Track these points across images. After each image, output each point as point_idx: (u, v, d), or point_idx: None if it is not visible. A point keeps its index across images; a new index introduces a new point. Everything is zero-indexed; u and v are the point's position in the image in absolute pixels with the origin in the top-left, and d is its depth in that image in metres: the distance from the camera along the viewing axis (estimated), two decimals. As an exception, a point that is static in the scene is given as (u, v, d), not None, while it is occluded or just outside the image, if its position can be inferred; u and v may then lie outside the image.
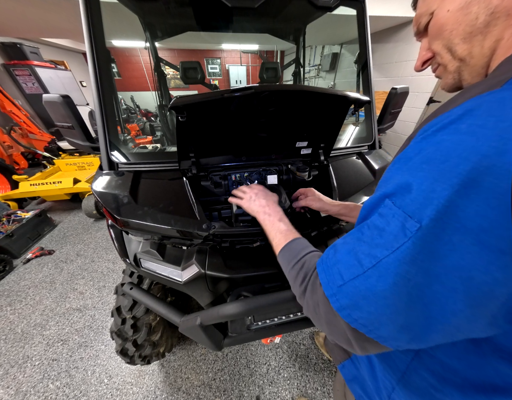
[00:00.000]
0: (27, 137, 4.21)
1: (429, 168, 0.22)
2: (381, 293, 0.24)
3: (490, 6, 0.27)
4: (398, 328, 0.25)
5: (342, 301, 0.28)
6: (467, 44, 0.31)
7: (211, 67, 8.34)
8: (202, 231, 0.76)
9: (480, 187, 0.18)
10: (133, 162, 0.97)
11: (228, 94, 0.60)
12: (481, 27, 0.29)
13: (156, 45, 2.23)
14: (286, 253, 0.46)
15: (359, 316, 0.27)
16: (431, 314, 0.23)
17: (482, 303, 0.21)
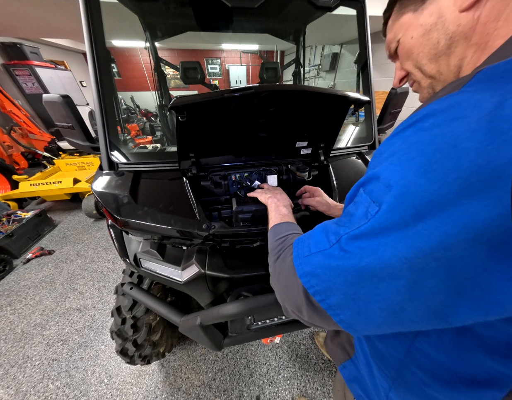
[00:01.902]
0: (27, 137, 4.21)
1: (392, 160, 0.24)
2: (336, 265, 0.27)
3: (448, 32, 0.31)
4: (346, 299, 0.27)
5: (304, 269, 0.32)
6: (434, 63, 0.35)
7: (211, 67, 8.35)
8: (202, 231, 0.76)
9: (432, 175, 0.20)
10: (133, 162, 0.97)
11: (228, 94, 0.60)
12: (443, 49, 0.32)
13: (156, 45, 2.23)
14: (276, 229, 0.52)
15: (315, 283, 0.30)
16: (376, 292, 0.25)
17: (423, 286, 0.22)
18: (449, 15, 0.30)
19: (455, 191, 0.19)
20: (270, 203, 0.66)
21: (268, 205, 0.67)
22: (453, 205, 0.19)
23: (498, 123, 0.18)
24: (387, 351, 0.40)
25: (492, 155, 0.18)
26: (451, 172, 0.19)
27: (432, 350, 0.33)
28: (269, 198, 0.68)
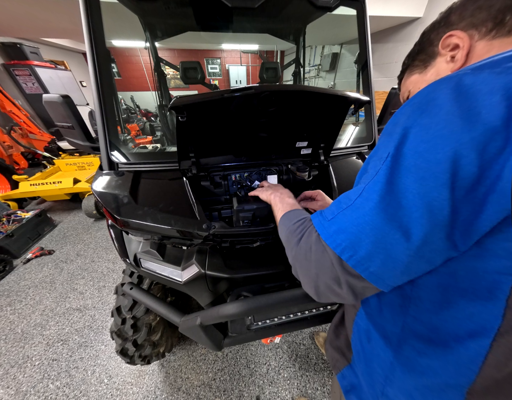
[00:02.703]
0: (27, 137, 4.21)
1: (389, 128, 0.33)
2: (362, 213, 0.31)
3: (440, 75, 0.41)
4: (374, 246, 0.29)
5: (330, 229, 0.34)
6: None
7: (211, 67, 8.35)
8: (202, 231, 0.76)
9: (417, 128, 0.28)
10: (133, 162, 0.97)
11: (228, 94, 0.60)
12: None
13: (156, 45, 2.23)
14: (290, 215, 0.52)
15: (343, 239, 0.32)
16: (404, 224, 0.28)
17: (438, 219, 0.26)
18: (443, 72, 0.41)
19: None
20: (274, 198, 0.66)
21: (272, 200, 0.66)
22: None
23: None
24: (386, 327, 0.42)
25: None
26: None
27: (425, 315, 0.35)
28: (271, 194, 0.68)
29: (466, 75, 0.26)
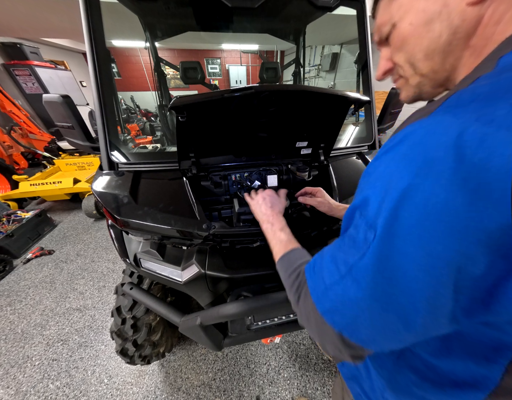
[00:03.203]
0: (27, 137, 4.21)
1: (379, 184, 0.26)
2: (355, 297, 0.26)
3: (452, 26, 0.28)
4: (376, 331, 0.27)
5: (325, 305, 0.30)
6: (430, 60, 0.31)
7: (211, 67, 8.35)
8: (202, 231, 0.76)
9: (412, 200, 0.22)
10: (133, 162, 0.97)
11: (228, 94, 0.60)
12: (444, 45, 0.29)
13: (156, 45, 2.23)
14: (284, 262, 0.47)
15: (340, 320, 0.29)
16: (402, 315, 0.25)
17: (438, 300, 0.23)
18: (456, 6, 0.26)
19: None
20: (265, 228, 0.62)
21: (263, 230, 0.62)
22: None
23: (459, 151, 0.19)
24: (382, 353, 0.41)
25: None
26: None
27: (423, 353, 0.34)
28: (261, 221, 0.64)
29: (473, 124, 0.19)
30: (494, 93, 0.20)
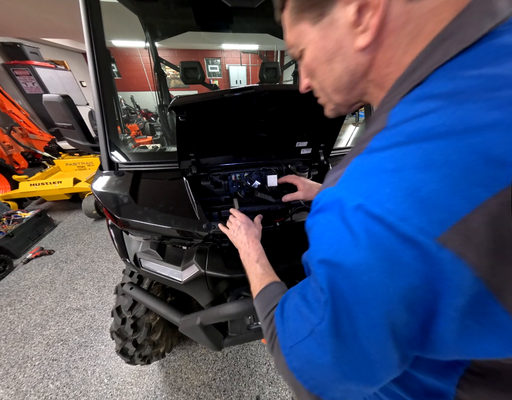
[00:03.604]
0: (27, 137, 4.21)
1: (314, 248, 0.27)
2: (319, 359, 0.26)
3: (349, 69, 0.29)
4: (344, 389, 0.27)
5: (293, 363, 0.29)
6: (339, 94, 0.33)
7: (211, 67, 8.35)
8: (202, 231, 0.76)
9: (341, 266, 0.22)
10: (133, 162, 0.97)
11: (228, 94, 0.60)
12: (346, 83, 0.31)
13: (156, 45, 2.24)
14: (260, 302, 0.46)
15: (308, 379, 0.28)
16: (364, 384, 0.25)
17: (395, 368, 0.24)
18: (349, 49, 0.27)
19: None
20: (243, 259, 0.61)
21: (242, 260, 0.62)
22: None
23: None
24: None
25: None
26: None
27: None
28: (239, 249, 0.64)
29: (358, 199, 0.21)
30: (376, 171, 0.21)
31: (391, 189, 0.19)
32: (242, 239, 0.65)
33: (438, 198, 0.17)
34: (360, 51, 0.26)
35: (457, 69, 0.20)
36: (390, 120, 0.22)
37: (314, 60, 0.31)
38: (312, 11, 0.27)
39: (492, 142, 0.16)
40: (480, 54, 0.20)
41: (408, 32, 0.23)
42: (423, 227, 0.17)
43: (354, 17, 0.24)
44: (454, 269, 0.17)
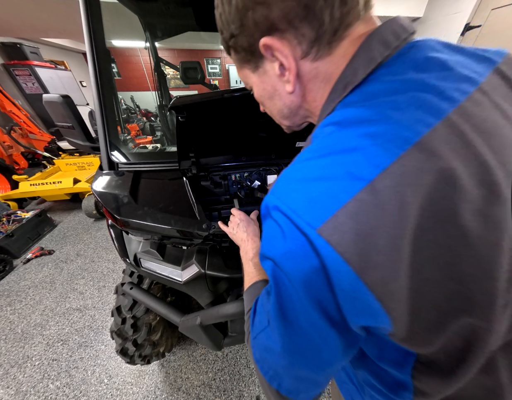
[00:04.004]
0: (27, 137, 4.21)
1: (262, 242, 0.30)
2: (272, 347, 0.29)
3: (286, 105, 0.36)
4: (297, 377, 0.29)
5: (256, 355, 0.33)
6: (286, 120, 0.40)
7: (211, 67, 8.34)
8: (202, 231, 0.76)
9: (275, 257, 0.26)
10: (133, 162, 0.97)
11: (228, 94, 0.60)
12: (288, 114, 0.38)
13: (156, 45, 2.23)
14: (245, 298, 0.50)
15: (267, 370, 0.32)
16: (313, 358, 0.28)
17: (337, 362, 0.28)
18: (282, 92, 0.34)
19: None
20: (241, 256, 0.62)
21: (241, 257, 0.63)
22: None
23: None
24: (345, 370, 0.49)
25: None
26: None
27: (364, 364, 0.39)
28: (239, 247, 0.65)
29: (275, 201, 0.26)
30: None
31: (296, 193, 0.24)
32: (241, 236, 0.65)
33: (320, 201, 0.22)
34: (290, 93, 0.33)
35: (346, 104, 0.28)
36: (313, 140, 0.29)
37: (260, 97, 0.39)
38: (249, 64, 0.34)
39: (354, 162, 0.21)
40: (356, 97, 0.27)
41: (321, 79, 0.30)
42: (309, 222, 0.22)
43: (278, 71, 0.31)
44: (327, 255, 0.21)
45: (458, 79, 0.24)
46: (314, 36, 0.26)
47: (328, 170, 0.23)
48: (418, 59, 0.26)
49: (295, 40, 0.27)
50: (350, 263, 0.20)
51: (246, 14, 0.27)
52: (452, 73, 0.24)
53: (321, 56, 0.28)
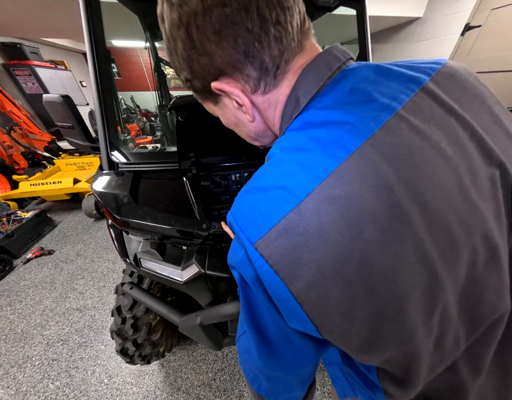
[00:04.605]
0: (27, 137, 4.21)
1: (229, 253, 0.32)
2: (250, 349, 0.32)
3: (251, 130, 0.39)
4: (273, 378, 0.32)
5: (240, 356, 0.36)
6: (255, 141, 0.43)
7: (211, 67, 8.34)
8: (202, 231, 0.76)
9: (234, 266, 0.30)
10: (133, 162, 0.97)
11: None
12: (256, 137, 0.41)
13: (156, 45, 2.23)
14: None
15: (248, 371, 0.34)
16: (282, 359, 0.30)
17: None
18: (244, 120, 0.37)
19: None
20: None
21: None
22: None
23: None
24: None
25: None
26: None
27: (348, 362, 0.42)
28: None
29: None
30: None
31: (243, 208, 0.27)
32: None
33: (258, 218, 0.24)
34: (251, 122, 0.36)
35: (290, 130, 0.31)
36: (268, 159, 0.31)
37: (228, 124, 0.41)
38: (209, 99, 0.36)
39: (288, 186, 0.24)
40: (298, 123, 0.30)
41: (273, 108, 0.34)
42: (249, 237, 0.24)
43: (236, 105, 0.33)
44: (260, 265, 0.24)
45: (377, 108, 0.26)
46: (258, 75, 0.29)
47: (268, 194, 0.25)
48: (345, 90, 0.28)
49: (242, 81, 0.30)
50: (279, 274, 0.23)
51: (192, 64, 0.29)
52: (371, 104, 0.26)
53: (270, 89, 0.31)
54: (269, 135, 0.41)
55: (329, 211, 0.22)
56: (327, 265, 0.21)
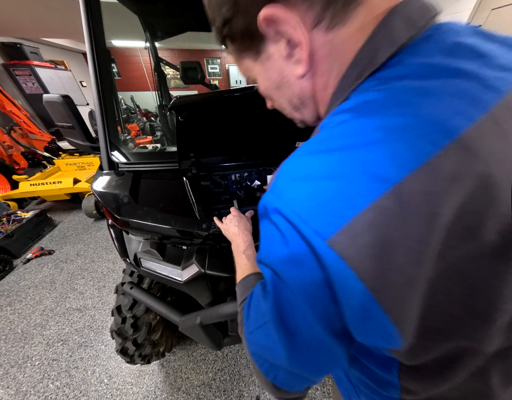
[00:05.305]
0: (27, 137, 4.21)
1: (260, 245, 0.28)
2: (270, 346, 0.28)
3: (296, 93, 0.31)
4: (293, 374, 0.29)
5: (251, 348, 0.33)
6: (296, 112, 0.36)
7: (211, 67, 8.34)
8: (202, 230, 0.76)
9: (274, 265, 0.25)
10: (133, 162, 0.97)
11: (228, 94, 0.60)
12: (298, 104, 0.33)
13: (156, 45, 2.23)
14: (238, 291, 0.48)
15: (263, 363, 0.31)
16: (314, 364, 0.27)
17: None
18: (291, 77, 0.29)
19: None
20: (233, 250, 0.62)
21: (232, 251, 0.62)
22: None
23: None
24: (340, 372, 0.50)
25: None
26: None
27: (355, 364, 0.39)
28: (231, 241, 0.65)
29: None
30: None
31: (300, 194, 0.20)
32: (233, 230, 0.66)
33: (331, 205, 0.18)
34: (301, 78, 0.28)
35: (363, 90, 0.23)
36: (321, 130, 0.25)
37: (266, 89, 0.35)
38: (249, 51, 0.30)
39: (375, 159, 0.18)
40: (375, 81, 0.23)
41: (335, 58, 0.25)
42: (317, 230, 0.19)
43: (286, 51, 0.26)
44: (338, 270, 0.18)
45: (497, 67, 0.20)
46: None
47: (341, 167, 0.19)
48: (446, 43, 0.22)
49: (303, 5, 0.22)
50: (365, 281, 0.17)
51: None
52: (488, 61, 0.20)
53: (336, 24, 0.23)
54: (311, 106, 0.33)
55: (447, 198, 0.16)
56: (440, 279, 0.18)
